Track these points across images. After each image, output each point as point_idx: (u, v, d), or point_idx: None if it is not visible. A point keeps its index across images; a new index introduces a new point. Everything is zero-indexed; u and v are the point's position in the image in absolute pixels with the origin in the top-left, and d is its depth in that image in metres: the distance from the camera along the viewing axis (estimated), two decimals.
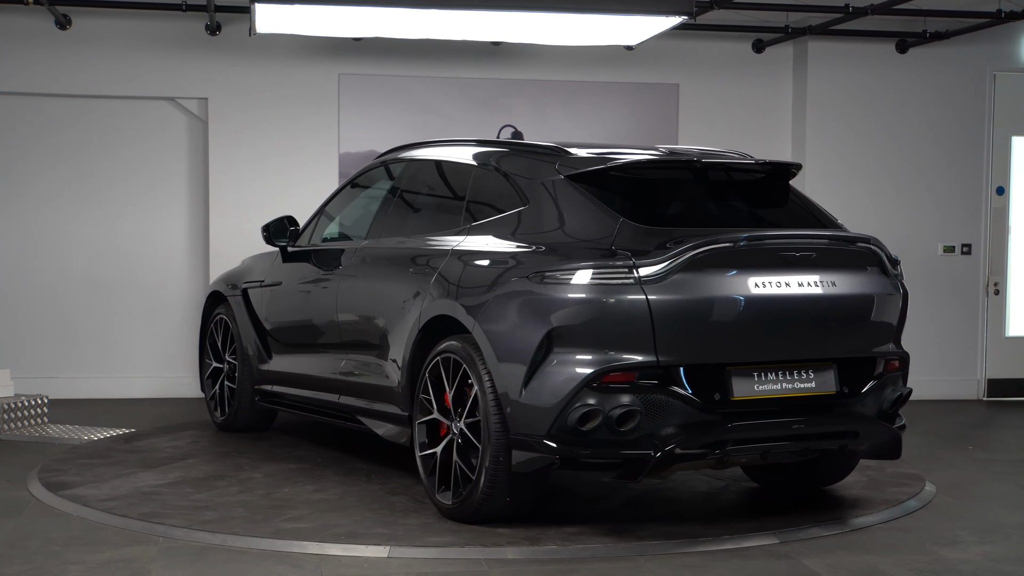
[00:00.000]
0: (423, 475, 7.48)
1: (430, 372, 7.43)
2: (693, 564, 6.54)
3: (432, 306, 7.50)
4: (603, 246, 6.80)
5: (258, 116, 12.11)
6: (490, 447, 6.90)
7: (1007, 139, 13.01)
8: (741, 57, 12.86)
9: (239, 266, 10.50)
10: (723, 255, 6.79)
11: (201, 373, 10.55)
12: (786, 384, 6.96)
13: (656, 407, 6.66)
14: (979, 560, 6.66)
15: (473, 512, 7.08)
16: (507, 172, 7.67)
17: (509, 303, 6.92)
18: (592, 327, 6.65)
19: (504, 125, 12.38)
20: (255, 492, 7.94)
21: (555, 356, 6.69)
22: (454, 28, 10.23)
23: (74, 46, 11.80)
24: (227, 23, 11.89)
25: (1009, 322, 13.04)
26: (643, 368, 6.64)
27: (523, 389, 6.74)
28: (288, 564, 6.47)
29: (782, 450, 7.07)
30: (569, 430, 6.63)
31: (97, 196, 12.10)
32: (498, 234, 7.42)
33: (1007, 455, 9.87)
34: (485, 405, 6.93)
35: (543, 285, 6.78)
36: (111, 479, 8.29)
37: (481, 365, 7.00)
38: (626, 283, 6.63)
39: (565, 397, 6.60)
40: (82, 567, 6.36)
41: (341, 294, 8.60)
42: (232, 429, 10.08)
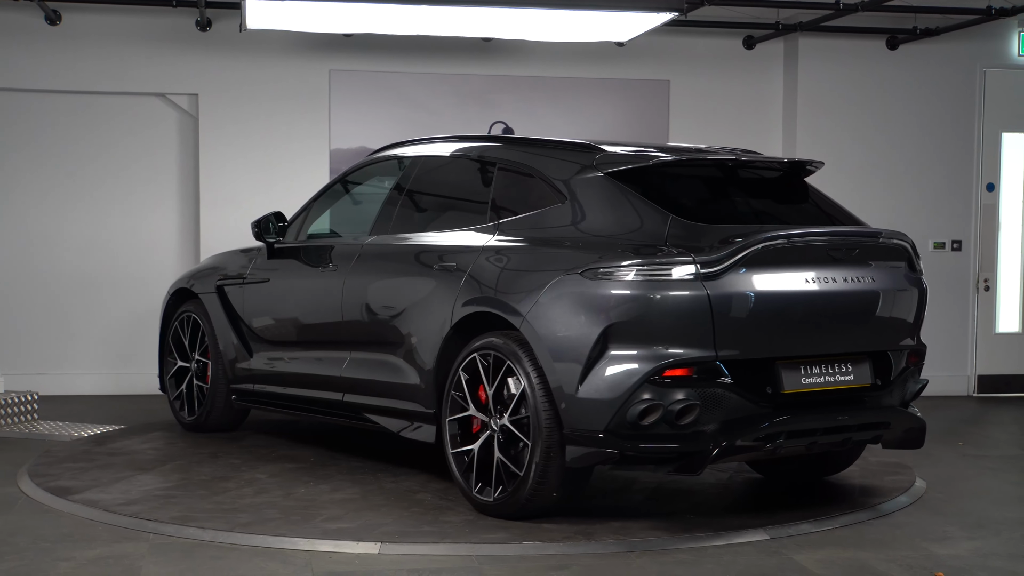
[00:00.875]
0: (456, 472, 7.45)
1: (464, 369, 7.44)
2: (683, 560, 6.54)
3: (468, 303, 7.49)
4: (655, 242, 6.87)
5: (249, 112, 12.10)
6: (540, 443, 6.92)
7: (997, 136, 13.05)
8: (731, 53, 12.88)
9: (206, 263, 10.29)
10: (777, 251, 6.95)
11: (163, 372, 10.26)
12: (828, 377, 7.15)
13: (713, 401, 6.77)
14: (969, 556, 6.68)
15: (519, 508, 7.10)
16: (538, 169, 7.69)
17: (562, 299, 6.93)
18: (652, 322, 6.74)
19: (495, 121, 12.40)
20: (272, 493, 7.85)
21: (613, 351, 6.75)
22: (444, 24, 10.26)
23: (64, 42, 11.79)
24: (218, 19, 11.89)
25: (999, 318, 13.11)
26: (702, 363, 6.76)
27: (579, 385, 6.77)
28: (278, 560, 6.47)
29: (827, 441, 7.27)
30: (628, 425, 6.70)
31: (87, 192, 12.10)
32: (534, 231, 7.47)
33: (997, 451, 9.91)
34: (535, 401, 6.95)
35: (599, 281, 6.83)
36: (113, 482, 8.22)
37: (528, 361, 7.02)
38: (686, 279, 6.72)
39: (625, 392, 6.67)
40: (72, 563, 6.36)
41: (348, 291, 8.49)
42: (202, 429, 9.88)
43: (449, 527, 7.04)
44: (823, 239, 7.20)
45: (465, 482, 7.38)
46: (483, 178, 8.08)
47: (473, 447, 7.34)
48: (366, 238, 8.63)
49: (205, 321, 9.77)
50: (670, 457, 6.81)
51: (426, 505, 7.57)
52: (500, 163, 7.98)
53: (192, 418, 9.90)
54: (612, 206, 7.21)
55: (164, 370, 10.21)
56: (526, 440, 7.00)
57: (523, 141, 8.26)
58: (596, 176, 7.34)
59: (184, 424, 10.01)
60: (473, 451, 7.34)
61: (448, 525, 7.09)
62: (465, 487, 7.38)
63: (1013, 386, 13.04)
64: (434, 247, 8.01)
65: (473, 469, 7.33)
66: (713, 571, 6.36)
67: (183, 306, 10.06)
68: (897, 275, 7.48)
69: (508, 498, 7.09)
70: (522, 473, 7.00)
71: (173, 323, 10.12)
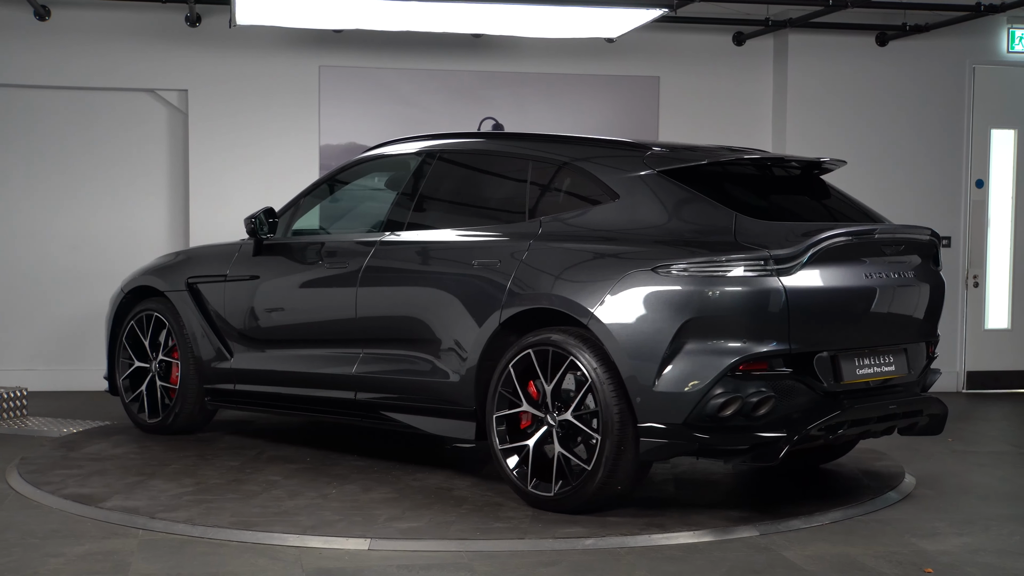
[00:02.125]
0: (506, 469, 7.50)
1: (514, 365, 7.48)
2: (673, 556, 6.56)
3: (520, 300, 7.52)
4: (724, 239, 7.04)
5: (238, 108, 12.10)
6: (611, 437, 7.02)
7: (986, 132, 13.08)
8: (721, 50, 12.89)
9: (164, 260, 10.00)
10: (841, 248, 7.21)
11: (116, 373, 9.88)
12: (876, 368, 7.46)
13: (785, 392, 6.98)
14: (958, 552, 6.69)
15: (585, 502, 7.20)
16: (582, 166, 7.75)
17: (634, 295, 7.01)
18: (730, 317, 6.89)
19: (485, 117, 12.40)
20: (307, 495, 7.71)
21: (691, 346, 6.89)
22: (434, 20, 10.30)
23: (53, 37, 11.79)
24: (207, 15, 11.89)
25: (988, 315, 13.15)
26: (777, 356, 6.98)
27: (656, 379, 6.88)
28: (268, 556, 6.47)
29: (878, 429, 7.62)
30: (706, 417, 6.85)
31: (76, 188, 12.09)
32: (583, 228, 7.55)
33: (986, 447, 9.93)
34: (604, 395, 7.04)
35: (675, 277, 6.95)
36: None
37: (594, 356, 7.11)
38: (764, 274, 6.91)
39: (705, 386, 6.82)
40: (61, 559, 6.35)
41: (363, 289, 8.40)
42: (168, 431, 9.58)
43: (526, 523, 7.11)
44: (880, 235, 7.50)
45: (518, 478, 7.44)
46: (516, 175, 8.12)
47: (528, 443, 7.41)
48: (380, 235, 8.54)
49: (173, 320, 9.47)
50: (745, 448, 7.01)
51: (474, 502, 7.61)
52: (535, 160, 8.02)
53: (155, 420, 9.59)
54: (671, 204, 7.34)
55: (116, 371, 9.87)
56: (595, 434, 7.10)
57: (560, 139, 8.29)
58: (650, 174, 7.46)
59: (143, 427, 9.70)
60: (528, 447, 7.41)
61: (515, 520, 7.16)
62: (518, 483, 7.44)
63: (1002, 382, 13.06)
64: (468, 244, 7.99)
65: (528, 464, 7.39)
66: (703, 567, 6.37)
67: (141, 304, 9.77)
68: (927, 269, 7.82)
69: (573, 492, 7.19)
70: (590, 467, 7.09)
71: (128, 322, 9.78)
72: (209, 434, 9.72)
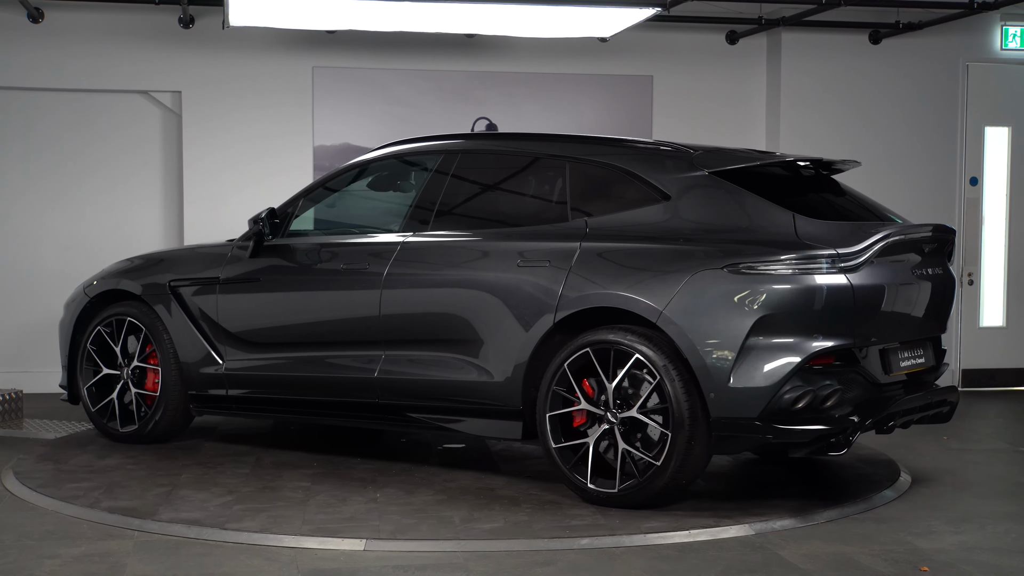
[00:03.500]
0: (562, 467, 7.61)
1: (570, 364, 7.56)
2: (668, 555, 6.58)
3: (578, 299, 7.59)
4: (787, 238, 7.27)
5: (232, 109, 12.11)
6: (682, 432, 7.19)
7: (980, 130, 13.10)
8: (715, 49, 12.90)
9: (135, 263, 9.72)
10: (893, 246, 7.51)
11: (80, 381, 9.53)
12: (912, 360, 7.84)
13: (849, 385, 7.28)
14: (953, 550, 6.72)
15: (651, 497, 7.37)
16: (627, 167, 7.86)
17: (705, 293, 7.20)
18: (801, 313, 7.14)
19: (479, 117, 12.41)
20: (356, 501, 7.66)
21: (765, 342, 7.10)
22: (428, 20, 10.32)
23: (47, 39, 11.78)
24: (200, 16, 11.89)
25: (983, 312, 13.17)
26: (844, 350, 7.29)
27: (732, 374, 7.07)
28: (263, 557, 6.49)
29: (918, 419, 7.90)
30: (779, 411, 7.08)
31: (71, 189, 12.10)
32: (636, 227, 7.67)
33: (981, 445, 9.95)
34: (675, 391, 7.21)
35: (747, 276, 7.15)
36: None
37: (661, 353, 7.27)
38: (833, 272, 7.17)
39: (780, 380, 7.05)
40: (57, 561, 6.37)
41: (388, 290, 8.30)
42: (144, 440, 9.27)
43: (609, 518, 7.23)
44: (922, 233, 7.78)
45: (577, 475, 7.55)
46: (551, 176, 8.20)
47: (588, 441, 7.51)
48: (403, 236, 8.47)
49: (153, 324, 9.20)
50: (813, 440, 7.19)
51: (536, 500, 7.73)
52: (572, 161, 8.10)
53: (131, 429, 9.27)
54: (727, 204, 7.54)
55: (79, 379, 9.55)
56: (664, 429, 7.24)
57: (598, 140, 8.41)
58: (701, 175, 7.64)
59: (114, 436, 9.37)
60: (588, 444, 7.52)
61: (590, 517, 7.26)
62: (577, 480, 7.55)
63: (997, 380, 13.09)
64: (511, 245, 8.00)
65: (588, 462, 7.49)
66: (698, 566, 6.39)
67: (110, 309, 9.48)
68: (946, 265, 8.13)
69: (640, 488, 7.34)
70: (659, 462, 7.24)
71: (94, 328, 9.48)
72: (187, 441, 9.47)
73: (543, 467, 8.42)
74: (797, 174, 8.08)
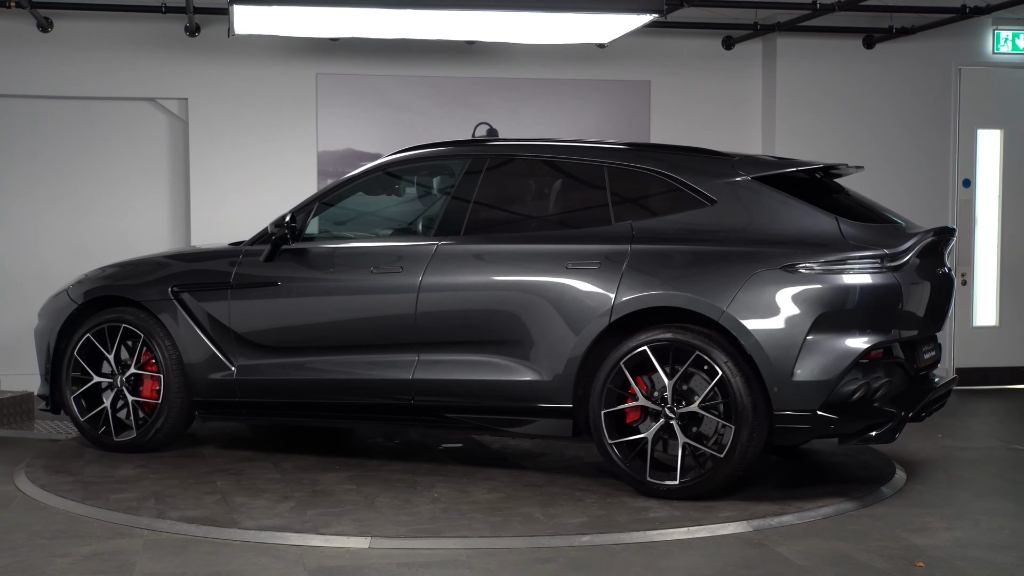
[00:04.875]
0: (619, 462, 7.82)
1: (626, 363, 7.77)
2: (668, 552, 6.64)
3: (636, 299, 7.79)
4: (833, 239, 7.64)
5: (238, 116, 12.15)
6: (746, 425, 7.50)
7: (973, 132, 13.16)
8: (711, 54, 12.96)
9: (124, 268, 9.43)
10: (926, 246, 7.87)
11: (66, 391, 9.25)
12: (929, 353, 8.22)
13: (895, 377, 7.73)
14: (948, 546, 6.76)
15: (713, 489, 7.66)
16: (670, 173, 8.12)
17: (765, 293, 7.52)
18: (856, 309, 7.51)
19: (479, 123, 12.47)
20: (418, 502, 7.67)
21: (824, 337, 7.45)
22: (429, 27, 10.27)
23: (56, 48, 11.84)
24: (206, 24, 11.94)
25: (976, 312, 13.25)
26: (891, 344, 7.69)
27: (794, 369, 7.42)
28: (270, 555, 6.54)
29: (936, 409, 8.37)
30: (837, 403, 7.47)
31: (79, 195, 12.15)
32: (684, 231, 7.94)
33: (975, 443, 10.00)
34: (738, 386, 7.50)
35: (804, 275, 7.51)
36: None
37: (722, 350, 7.57)
38: (883, 270, 7.56)
39: (839, 373, 7.42)
40: (68, 559, 6.42)
41: (426, 294, 8.32)
42: (142, 449, 9.03)
43: (690, 509, 7.45)
44: (944, 236, 8.12)
45: (635, 470, 7.78)
46: (591, 181, 8.36)
47: (647, 435, 7.75)
48: (438, 239, 8.48)
49: (152, 330, 8.95)
50: (866, 429, 7.61)
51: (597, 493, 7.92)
52: (612, 167, 8.29)
53: (128, 438, 9.03)
54: (772, 207, 7.87)
55: (64, 388, 9.27)
56: (728, 423, 7.55)
57: (638, 146, 8.67)
58: (744, 180, 7.96)
59: (108, 446, 9.10)
60: (647, 439, 7.75)
61: (661, 511, 7.46)
62: (636, 474, 7.78)
63: (991, 379, 13.16)
64: (557, 248, 8.14)
65: (647, 457, 7.74)
66: (697, 563, 6.44)
67: (101, 315, 9.18)
68: (947, 265, 8.40)
69: (703, 480, 7.63)
70: (722, 455, 7.54)
71: (82, 335, 9.18)
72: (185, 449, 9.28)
73: (555, 464, 8.62)
74: (812, 178, 8.32)
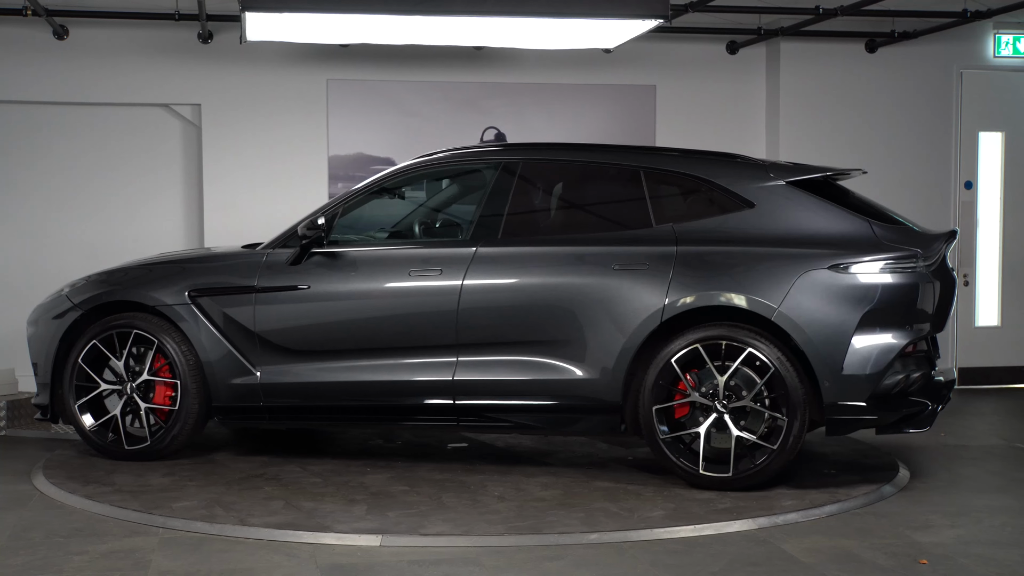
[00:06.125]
0: (671, 456, 8.09)
1: (676, 360, 8.04)
2: (675, 549, 6.71)
3: (690, 299, 8.05)
4: (869, 240, 8.04)
5: (250, 121, 12.20)
6: (798, 418, 7.87)
7: (974, 135, 13.21)
8: (715, 58, 13.00)
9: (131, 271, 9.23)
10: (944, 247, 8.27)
11: (70, 399, 8.96)
12: (937, 349, 8.52)
13: (925, 370, 8.16)
14: (951, 543, 6.84)
15: (765, 480, 8.01)
16: (707, 177, 8.42)
17: (815, 291, 7.91)
18: (899, 306, 7.95)
19: (487, 127, 12.52)
20: (487, 502, 7.75)
21: (871, 332, 7.85)
22: (437, 33, 10.27)
23: (71, 55, 11.90)
24: (219, 31, 11.99)
25: (978, 312, 13.30)
26: (924, 338, 8.16)
27: (844, 363, 7.81)
28: (283, 553, 6.61)
29: None
30: (882, 394, 7.90)
31: (95, 199, 12.20)
32: (726, 233, 8.25)
33: (977, 441, 10.04)
34: (791, 381, 7.87)
35: (851, 275, 7.91)
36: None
37: (774, 346, 7.91)
38: (919, 269, 7.99)
39: (885, 367, 7.85)
40: (85, 557, 6.50)
41: (468, 296, 8.40)
42: (155, 457, 8.86)
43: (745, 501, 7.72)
44: (952, 238, 8.38)
45: (688, 462, 8.05)
46: (628, 185, 8.55)
47: (700, 430, 8.01)
48: (475, 243, 8.54)
49: (169, 335, 8.77)
50: (905, 418, 8.06)
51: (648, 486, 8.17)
52: (649, 171, 8.53)
53: (141, 445, 8.84)
54: (808, 210, 8.23)
55: (68, 396, 8.98)
56: (781, 416, 7.90)
57: (674, 151, 8.89)
58: (779, 184, 8.31)
59: (118, 455, 8.89)
60: (699, 433, 8.03)
61: (725, 501, 7.73)
62: (688, 467, 8.05)
63: (992, 378, 13.22)
64: (602, 250, 8.32)
65: (699, 450, 8.01)
66: (703, 560, 6.51)
67: (107, 321, 8.96)
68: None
69: (757, 471, 7.96)
70: (776, 446, 7.88)
71: (88, 341, 8.93)
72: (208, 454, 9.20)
73: (578, 461, 8.72)
74: (826, 181, 8.59)
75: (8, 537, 6.93)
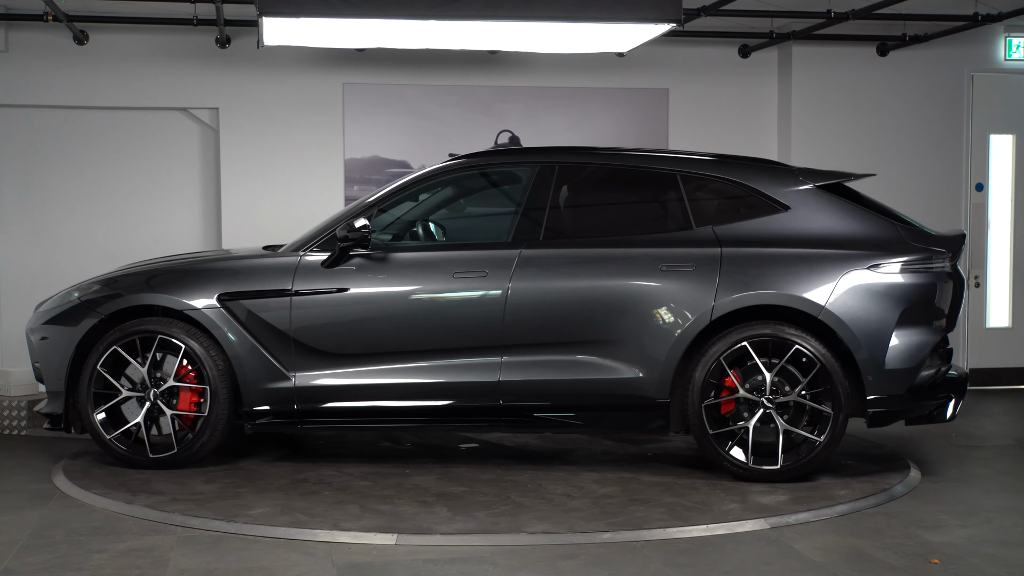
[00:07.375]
0: (719, 450, 8.34)
1: (724, 357, 8.28)
2: (687, 549, 6.74)
3: (739, 299, 8.30)
4: (899, 241, 8.38)
5: (267, 124, 12.25)
6: (843, 411, 8.22)
7: (985, 137, 13.22)
8: (728, 62, 13.03)
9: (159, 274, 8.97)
10: None
11: (88, 407, 8.70)
12: None
13: (948, 364, 8.62)
14: (962, 543, 6.86)
15: (810, 471, 8.33)
16: (744, 181, 8.66)
17: (857, 290, 8.25)
18: (931, 303, 8.31)
19: (502, 130, 12.55)
20: (564, 503, 7.75)
21: (908, 329, 8.23)
22: (452, 38, 10.32)
23: (91, 60, 11.96)
24: (236, 36, 12.04)
25: (990, 313, 13.32)
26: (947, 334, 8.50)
27: (885, 358, 8.18)
28: (300, 552, 6.65)
29: None
30: (916, 387, 8.29)
31: (114, 202, 12.26)
32: (764, 235, 8.50)
33: (988, 442, 10.06)
34: (837, 376, 8.20)
35: (889, 273, 8.25)
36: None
37: (820, 343, 8.23)
38: (947, 269, 8.38)
39: (921, 361, 8.26)
40: (104, 555, 6.55)
41: (515, 297, 8.46)
42: (181, 464, 8.68)
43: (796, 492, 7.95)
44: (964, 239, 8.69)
45: (739, 457, 8.31)
46: (666, 189, 8.73)
47: (748, 424, 8.28)
48: (520, 245, 8.59)
49: (197, 340, 8.59)
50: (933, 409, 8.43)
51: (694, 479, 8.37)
52: (683, 175, 8.71)
53: (167, 453, 8.64)
54: (841, 213, 8.53)
55: (87, 404, 8.71)
56: (827, 410, 8.21)
57: (708, 155, 9.03)
58: (810, 188, 8.62)
59: (141, 463, 8.67)
60: (747, 428, 8.28)
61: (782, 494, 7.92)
62: (736, 461, 8.31)
63: (1003, 379, 13.23)
64: (647, 252, 8.49)
65: (748, 444, 8.27)
66: (716, 559, 6.55)
67: (127, 326, 8.72)
68: None
69: (802, 463, 8.27)
70: (823, 439, 8.20)
71: (107, 347, 8.69)
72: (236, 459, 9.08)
73: (602, 459, 8.74)
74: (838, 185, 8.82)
75: (29, 535, 6.97)
